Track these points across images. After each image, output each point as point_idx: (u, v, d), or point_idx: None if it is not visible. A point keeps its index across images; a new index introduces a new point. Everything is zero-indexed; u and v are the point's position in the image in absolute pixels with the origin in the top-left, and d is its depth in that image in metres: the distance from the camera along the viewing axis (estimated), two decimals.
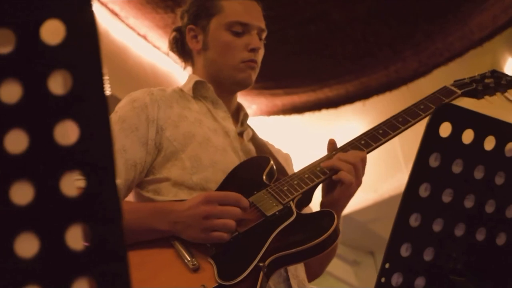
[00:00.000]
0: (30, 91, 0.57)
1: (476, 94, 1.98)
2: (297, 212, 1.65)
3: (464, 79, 1.99)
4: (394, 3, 3.86)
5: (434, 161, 1.01)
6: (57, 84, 0.57)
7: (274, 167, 1.80)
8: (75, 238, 0.56)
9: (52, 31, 0.58)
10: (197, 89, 1.95)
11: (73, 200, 0.57)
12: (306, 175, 1.73)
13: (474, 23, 3.97)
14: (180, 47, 2.06)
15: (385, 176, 5.46)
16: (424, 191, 1.01)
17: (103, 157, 0.56)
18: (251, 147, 1.92)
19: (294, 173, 1.78)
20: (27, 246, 0.56)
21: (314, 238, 1.55)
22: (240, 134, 1.94)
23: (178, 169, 1.75)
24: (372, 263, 6.59)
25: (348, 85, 4.44)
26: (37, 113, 0.57)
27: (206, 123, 1.87)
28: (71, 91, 0.57)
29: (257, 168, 1.79)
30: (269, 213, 1.64)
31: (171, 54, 2.13)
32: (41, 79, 0.57)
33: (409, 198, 1.02)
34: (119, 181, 1.73)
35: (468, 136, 1.03)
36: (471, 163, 1.04)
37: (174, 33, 2.07)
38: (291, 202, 1.67)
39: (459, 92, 1.92)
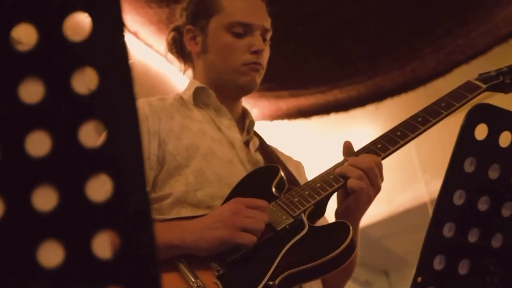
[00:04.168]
0: (53, 90, 0.60)
1: (503, 88, 1.97)
2: (309, 225, 1.67)
3: (490, 72, 1.99)
4: None
5: (469, 166, 1.04)
6: (82, 82, 0.60)
7: (284, 177, 1.82)
8: (103, 246, 0.58)
9: (77, 26, 0.61)
10: (198, 96, 1.98)
11: (99, 205, 0.59)
12: (318, 184, 1.76)
13: (500, 17, 4.00)
14: (179, 48, 2.09)
15: (400, 187, 5.48)
16: (458, 198, 1.04)
17: (131, 159, 0.59)
18: (258, 157, 1.94)
19: (306, 183, 1.80)
20: (51, 255, 0.59)
21: (328, 252, 1.57)
22: (246, 144, 1.97)
23: (181, 185, 1.78)
24: (386, 284, 6.60)
25: (360, 86, 4.46)
26: (60, 113, 0.60)
27: (209, 133, 1.89)
28: (97, 90, 0.60)
29: (266, 179, 1.81)
30: (279, 227, 1.67)
31: (169, 54, 2.15)
32: (64, 78, 0.60)
33: (442, 206, 1.04)
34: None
35: (505, 139, 1.05)
36: (509, 168, 1.06)
37: (172, 33, 2.09)
38: (302, 214, 1.70)
39: (484, 86, 1.92)
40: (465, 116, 1.03)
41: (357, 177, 1.71)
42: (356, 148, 1.86)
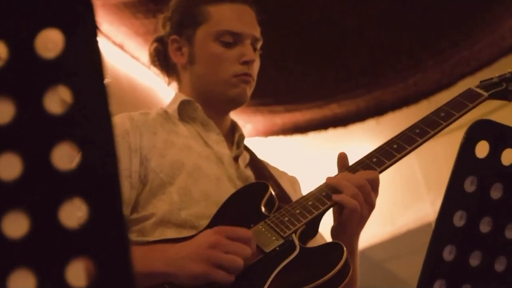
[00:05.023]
0: (24, 110, 0.60)
1: (506, 96, 1.95)
2: (300, 246, 1.66)
3: (492, 78, 1.97)
4: (413, 5, 3.90)
5: (469, 186, 1.04)
6: (55, 102, 0.60)
7: (274, 194, 1.81)
8: (77, 274, 0.58)
9: (49, 42, 0.61)
10: (184, 110, 1.98)
11: (73, 232, 0.59)
12: (310, 202, 1.74)
13: (506, 28, 4.02)
14: (163, 60, 2.08)
15: (403, 206, 5.48)
16: (459, 219, 1.04)
17: (107, 182, 0.59)
18: (249, 173, 1.94)
19: (297, 201, 1.79)
20: (22, 285, 0.59)
21: (321, 275, 1.56)
22: (236, 159, 1.96)
23: (165, 204, 1.77)
24: None
25: (359, 100, 4.47)
26: (32, 134, 0.60)
27: (196, 149, 1.89)
28: (71, 110, 0.60)
29: (254, 197, 1.80)
30: (268, 249, 1.65)
31: (153, 67, 2.15)
32: (36, 97, 0.60)
33: (442, 228, 1.04)
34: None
35: (508, 157, 1.05)
36: None
37: (155, 44, 2.09)
38: (293, 235, 1.68)
39: (486, 94, 1.89)
40: (465, 133, 1.03)
41: (351, 195, 1.70)
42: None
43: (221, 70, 1.94)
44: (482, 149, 1.04)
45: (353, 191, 1.70)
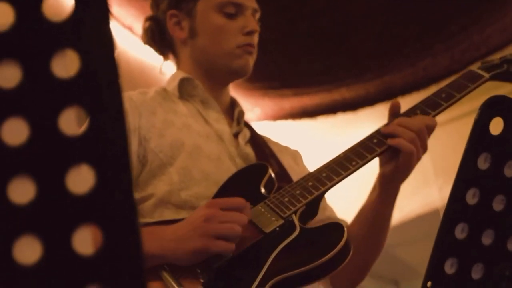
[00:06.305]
0: (31, 74, 0.59)
1: (508, 77, 1.97)
2: (301, 227, 1.65)
3: (493, 60, 1.99)
4: None
5: (483, 163, 1.02)
6: (62, 66, 0.59)
7: (273, 175, 1.81)
8: (84, 241, 0.57)
9: (56, 5, 0.60)
10: (183, 88, 1.97)
11: (81, 198, 0.58)
12: (310, 183, 1.75)
13: None
14: (158, 38, 2.07)
15: (410, 192, 5.46)
16: (472, 197, 1.03)
17: (115, 149, 0.58)
18: (249, 150, 1.93)
19: (297, 181, 1.79)
20: (28, 251, 0.57)
21: (321, 255, 1.55)
22: (236, 136, 1.96)
23: (164, 185, 1.77)
24: None
25: (368, 84, 4.45)
26: (39, 99, 0.59)
27: (195, 128, 1.89)
28: (78, 74, 0.59)
29: (254, 178, 1.80)
30: (268, 230, 1.65)
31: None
32: (43, 61, 0.59)
33: (454, 206, 1.03)
34: None
35: None
36: None
37: (148, 23, 2.09)
38: (293, 216, 1.68)
39: (487, 76, 1.91)
40: (479, 109, 1.02)
41: (408, 140, 1.73)
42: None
43: (225, 42, 1.94)
44: (496, 126, 1.02)
45: (410, 135, 1.73)
